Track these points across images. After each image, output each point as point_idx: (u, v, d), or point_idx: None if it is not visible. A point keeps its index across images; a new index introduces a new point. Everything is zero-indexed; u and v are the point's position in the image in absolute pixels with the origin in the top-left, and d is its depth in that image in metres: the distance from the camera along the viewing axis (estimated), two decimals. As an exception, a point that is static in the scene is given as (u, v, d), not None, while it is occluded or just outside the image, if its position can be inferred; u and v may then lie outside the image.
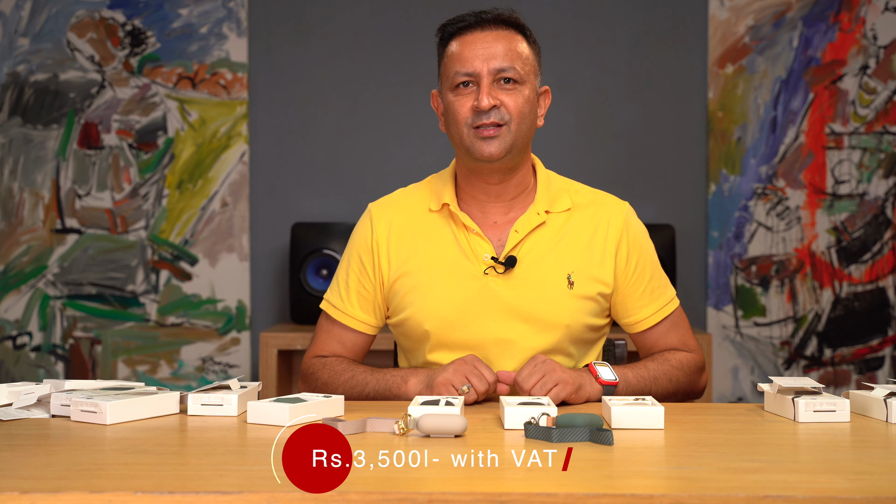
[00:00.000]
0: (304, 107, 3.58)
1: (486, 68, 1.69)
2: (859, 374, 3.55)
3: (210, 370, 3.55)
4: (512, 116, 1.70)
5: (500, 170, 1.75)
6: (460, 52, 1.72)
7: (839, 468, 1.18)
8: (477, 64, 1.70)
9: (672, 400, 1.76)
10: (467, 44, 1.72)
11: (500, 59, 1.70)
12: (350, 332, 1.83)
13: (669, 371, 1.76)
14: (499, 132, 1.69)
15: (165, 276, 3.54)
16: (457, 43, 1.73)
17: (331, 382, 1.75)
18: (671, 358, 1.79)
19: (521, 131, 1.72)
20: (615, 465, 1.19)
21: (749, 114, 3.55)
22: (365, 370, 1.74)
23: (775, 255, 3.55)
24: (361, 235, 1.84)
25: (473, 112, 1.70)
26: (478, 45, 1.71)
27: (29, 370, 3.53)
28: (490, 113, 1.69)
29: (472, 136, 1.70)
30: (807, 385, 1.51)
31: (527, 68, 1.72)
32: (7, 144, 3.54)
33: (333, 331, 1.84)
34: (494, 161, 1.71)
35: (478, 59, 1.70)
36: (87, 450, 1.24)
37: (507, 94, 1.70)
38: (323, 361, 1.80)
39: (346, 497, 1.03)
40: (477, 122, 1.69)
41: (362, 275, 1.82)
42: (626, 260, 1.80)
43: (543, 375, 1.60)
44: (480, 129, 1.69)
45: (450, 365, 1.63)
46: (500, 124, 1.69)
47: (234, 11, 3.54)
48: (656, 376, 1.74)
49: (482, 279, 1.75)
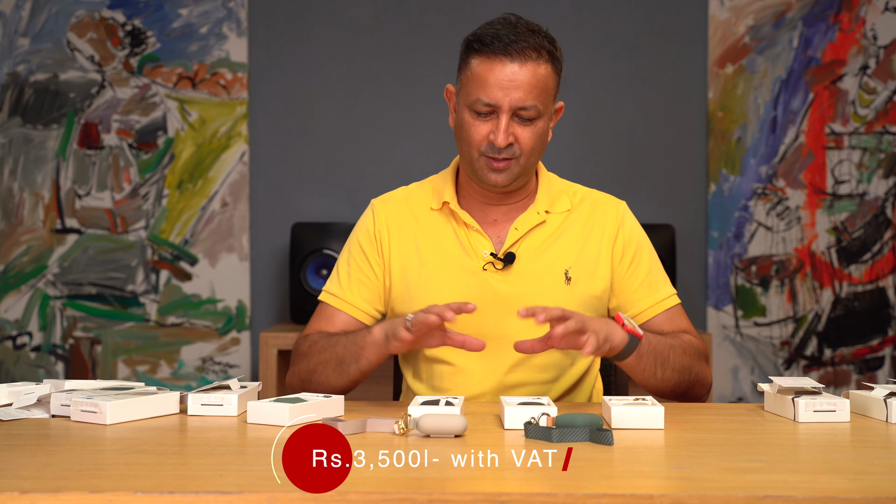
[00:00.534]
0: (304, 107, 3.58)
1: (508, 103, 1.67)
2: (859, 374, 3.55)
3: (210, 370, 3.55)
4: (523, 151, 1.71)
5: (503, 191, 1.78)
6: (485, 79, 1.68)
7: (839, 468, 1.18)
8: (499, 96, 1.67)
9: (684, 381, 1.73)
10: (492, 71, 1.68)
11: (523, 94, 1.67)
12: (347, 317, 1.81)
13: (682, 345, 1.74)
14: (508, 165, 1.72)
15: (165, 276, 3.54)
16: (482, 65, 1.69)
17: (310, 352, 1.74)
18: (679, 335, 1.77)
19: (530, 163, 1.74)
20: (615, 465, 1.19)
21: (749, 114, 3.55)
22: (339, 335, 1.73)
23: (775, 255, 3.55)
24: (364, 227, 1.85)
25: (487, 142, 1.70)
26: (504, 76, 1.67)
27: (29, 370, 3.53)
28: (505, 149, 1.70)
29: (481, 163, 1.72)
30: (807, 385, 1.51)
31: (546, 101, 1.71)
32: (7, 144, 3.54)
33: (328, 314, 1.83)
34: (499, 188, 1.75)
35: (501, 90, 1.67)
36: (87, 450, 1.24)
37: (523, 129, 1.70)
38: (306, 336, 1.80)
39: (346, 497, 1.03)
40: (489, 152, 1.70)
41: (363, 263, 1.82)
42: (622, 254, 1.80)
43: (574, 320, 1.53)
44: (491, 160, 1.71)
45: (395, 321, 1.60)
46: (510, 158, 1.71)
47: (234, 11, 3.54)
48: (672, 344, 1.71)
49: (481, 275, 1.76)
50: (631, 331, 1.61)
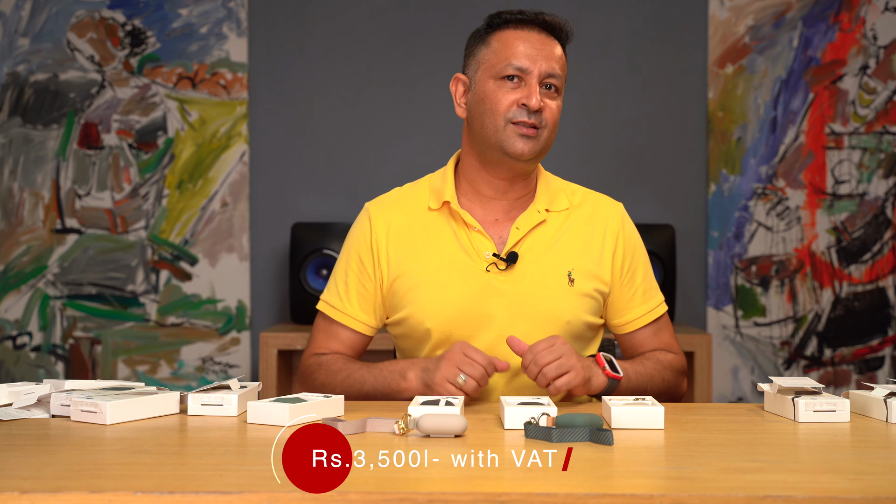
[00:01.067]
0: (304, 107, 3.58)
1: (539, 69, 1.70)
2: (859, 374, 3.55)
3: (210, 370, 3.55)
4: (548, 123, 1.72)
5: (518, 169, 1.75)
6: (516, 45, 1.71)
7: (839, 468, 1.18)
8: (530, 62, 1.69)
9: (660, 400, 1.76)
10: (523, 39, 1.71)
11: (553, 63, 1.71)
12: (349, 331, 1.82)
13: (663, 371, 1.77)
14: (536, 134, 1.70)
15: (165, 276, 3.54)
16: (513, 34, 1.72)
17: (328, 382, 1.74)
18: (663, 359, 1.80)
19: (550, 140, 1.74)
20: (615, 465, 1.19)
21: (749, 114, 3.55)
22: (361, 367, 1.73)
23: (775, 255, 3.55)
24: (360, 234, 1.83)
25: (517, 107, 1.69)
26: (534, 43, 1.71)
27: (29, 370, 3.53)
28: (534, 113, 1.69)
29: (509, 131, 1.70)
30: (807, 385, 1.51)
31: (564, 79, 1.74)
32: (7, 144, 3.54)
33: (331, 330, 1.83)
34: (523, 160, 1.72)
35: (533, 57, 1.70)
36: (87, 450, 1.24)
37: (550, 100, 1.72)
38: (319, 361, 1.79)
39: (346, 497, 1.03)
40: (518, 117, 1.69)
41: (362, 274, 1.81)
42: (622, 260, 1.81)
43: (560, 357, 1.56)
44: (520, 126, 1.69)
45: (441, 360, 1.59)
46: (538, 126, 1.70)
47: (234, 11, 3.54)
48: (652, 374, 1.74)
49: (484, 276, 1.75)
50: (610, 374, 1.63)
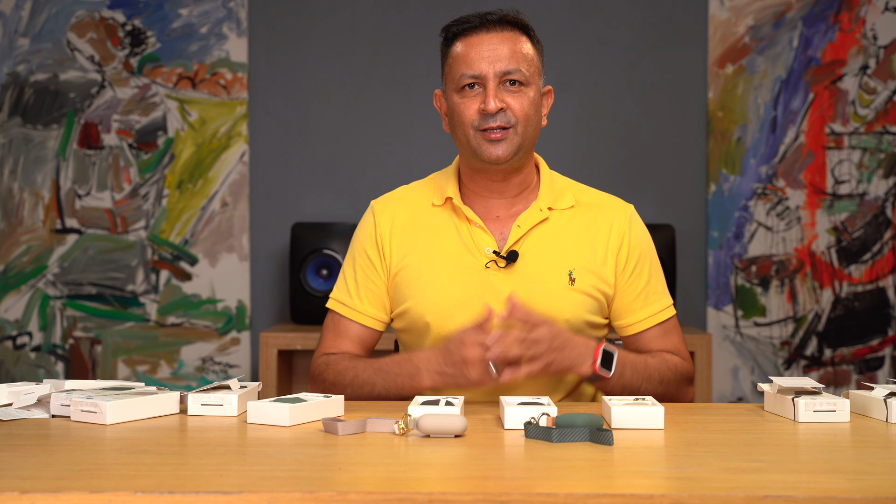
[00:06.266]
0: (304, 107, 3.58)
1: (492, 70, 1.70)
2: (859, 374, 3.55)
3: (210, 370, 3.55)
4: (518, 119, 1.71)
5: (505, 170, 1.76)
6: (466, 54, 1.72)
7: (839, 468, 1.18)
8: (483, 66, 1.70)
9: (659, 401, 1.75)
10: (472, 45, 1.72)
11: (506, 61, 1.70)
12: (360, 327, 1.82)
13: (664, 372, 1.75)
14: (506, 135, 1.70)
15: (165, 276, 3.54)
16: (462, 44, 1.73)
17: (338, 382, 1.73)
18: (669, 360, 1.78)
19: (528, 133, 1.73)
20: (615, 465, 1.19)
21: (749, 114, 3.55)
22: (367, 367, 1.72)
23: (775, 255, 3.55)
24: (366, 231, 1.84)
25: (480, 114, 1.70)
26: (483, 47, 1.71)
27: (29, 370, 3.53)
28: (496, 116, 1.69)
29: (478, 139, 1.71)
30: (807, 385, 1.51)
31: (531, 69, 1.73)
32: (7, 144, 3.54)
33: (340, 328, 1.83)
34: (501, 163, 1.72)
35: (483, 60, 1.70)
36: (87, 450, 1.24)
37: (513, 96, 1.71)
38: (327, 361, 1.79)
39: (346, 497, 1.03)
40: (483, 124, 1.70)
41: (370, 269, 1.82)
42: (626, 261, 1.80)
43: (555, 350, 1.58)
44: (487, 132, 1.70)
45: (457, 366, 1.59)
46: (507, 127, 1.70)
47: (234, 11, 3.54)
48: (650, 374, 1.72)
49: (483, 273, 1.75)
50: (598, 371, 1.62)
